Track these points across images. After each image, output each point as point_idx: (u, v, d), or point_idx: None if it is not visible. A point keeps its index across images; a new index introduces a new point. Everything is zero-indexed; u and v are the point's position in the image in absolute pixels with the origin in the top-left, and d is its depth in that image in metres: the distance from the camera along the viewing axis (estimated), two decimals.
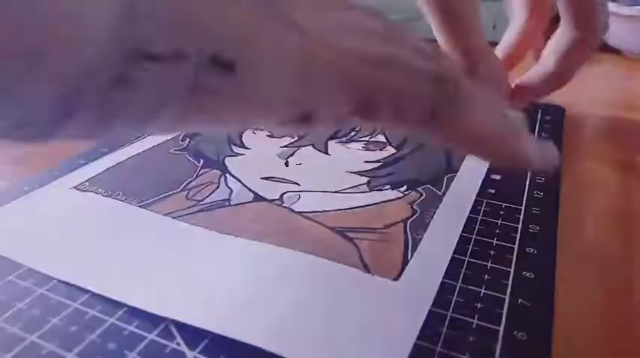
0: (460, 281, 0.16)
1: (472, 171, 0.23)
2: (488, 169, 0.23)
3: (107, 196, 0.21)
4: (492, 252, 0.17)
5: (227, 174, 0.23)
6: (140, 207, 0.20)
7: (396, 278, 0.16)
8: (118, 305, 0.15)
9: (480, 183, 0.22)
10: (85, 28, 0.09)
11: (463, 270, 0.16)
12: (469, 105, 0.15)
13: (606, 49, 0.46)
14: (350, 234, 0.18)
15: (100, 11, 0.10)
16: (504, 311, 0.15)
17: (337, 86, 0.13)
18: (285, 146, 0.26)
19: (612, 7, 0.42)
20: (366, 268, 0.16)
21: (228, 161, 0.24)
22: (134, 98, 0.11)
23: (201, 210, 0.20)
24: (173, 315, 0.14)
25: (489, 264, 0.17)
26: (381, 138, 0.27)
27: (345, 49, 0.14)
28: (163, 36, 0.10)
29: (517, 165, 0.16)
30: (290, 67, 0.13)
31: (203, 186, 0.22)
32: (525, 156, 0.16)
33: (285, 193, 0.21)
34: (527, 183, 0.22)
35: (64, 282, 0.16)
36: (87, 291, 0.16)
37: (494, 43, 0.53)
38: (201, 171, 0.23)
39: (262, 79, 0.12)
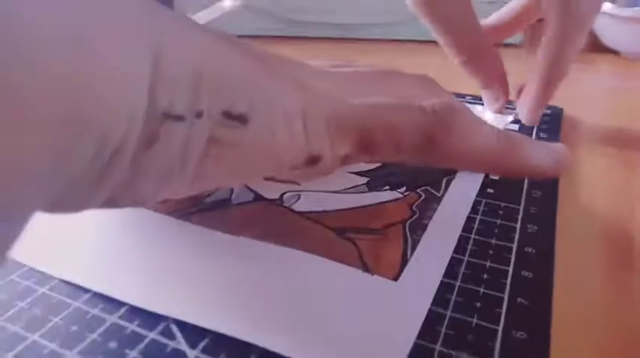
0: (459, 280, 0.16)
1: (471, 175, 0.23)
2: None
3: None
4: (491, 252, 0.17)
5: None
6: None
7: (396, 278, 0.16)
8: (119, 304, 0.15)
9: (479, 186, 0.22)
10: (127, 100, 0.11)
11: (462, 270, 0.16)
12: (463, 126, 0.15)
13: (604, 49, 0.46)
14: (350, 234, 0.18)
15: (136, 83, 0.11)
16: (503, 311, 0.15)
17: (336, 131, 0.15)
18: None
19: (610, 8, 0.42)
20: (365, 268, 0.16)
21: None
22: (161, 155, 0.12)
23: (201, 210, 0.20)
24: (174, 314, 0.14)
25: (488, 264, 0.17)
26: None
27: (340, 98, 0.15)
28: (183, 98, 0.12)
29: (523, 175, 0.17)
30: (294, 116, 0.14)
31: None
32: (529, 165, 0.16)
33: (285, 193, 0.21)
34: (526, 182, 0.22)
35: (65, 281, 0.16)
36: (88, 290, 0.16)
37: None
38: None
39: (271, 129, 0.14)
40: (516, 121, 0.29)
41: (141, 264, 0.17)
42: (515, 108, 0.31)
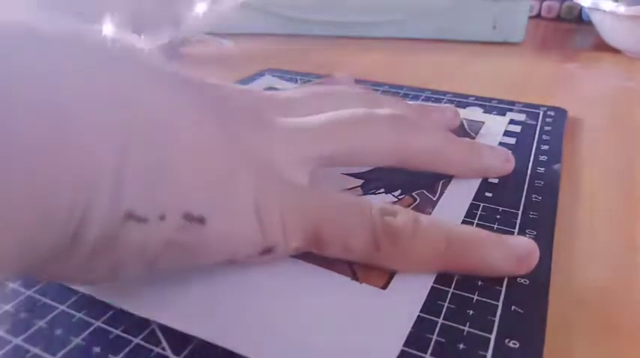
0: (452, 287, 0.16)
1: (469, 178, 0.22)
2: None
3: None
4: None
5: None
6: None
7: (384, 286, 0.16)
8: (105, 308, 0.15)
9: (475, 190, 0.21)
10: (95, 196, 0.11)
11: (456, 276, 0.16)
12: (409, 233, 0.16)
13: (606, 48, 0.46)
14: None
15: (104, 185, 0.11)
16: (497, 319, 0.14)
17: (289, 224, 0.15)
18: None
19: (612, 6, 0.42)
20: (354, 276, 0.16)
21: None
22: (117, 252, 0.12)
23: None
24: (159, 319, 0.14)
25: None
26: None
27: (295, 193, 0.16)
28: (147, 201, 0.12)
29: (481, 275, 0.16)
30: (250, 211, 0.14)
31: None
32: (485, 267, 0.16)
33: None
34: (526, 186, 0.22)
35: (51, 284, 0.16)
36: (74, 293, 0.15)
37: (494, 43, 0.53)
38: None
39: (230, 226, 0.14)
40: (516, 122, 0.29)
41: None
42: (512, 109, 0.31)
